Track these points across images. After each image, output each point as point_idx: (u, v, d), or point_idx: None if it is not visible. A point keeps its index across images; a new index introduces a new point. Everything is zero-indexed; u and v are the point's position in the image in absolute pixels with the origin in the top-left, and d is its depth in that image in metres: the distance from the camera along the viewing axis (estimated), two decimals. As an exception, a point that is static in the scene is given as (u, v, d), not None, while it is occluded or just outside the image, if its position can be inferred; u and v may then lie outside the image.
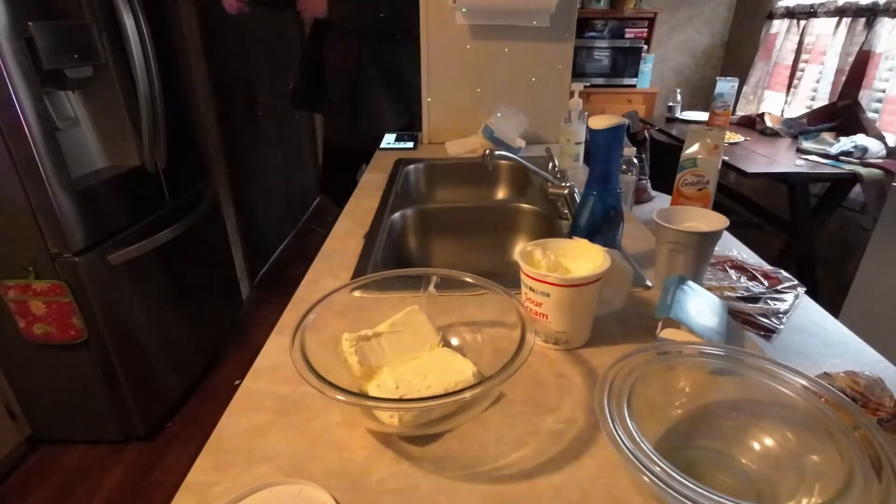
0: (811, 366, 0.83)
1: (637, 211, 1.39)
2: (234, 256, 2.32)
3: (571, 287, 0.58)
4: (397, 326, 0.58)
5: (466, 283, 0.62)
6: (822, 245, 2.43)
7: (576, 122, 1.35)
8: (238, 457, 0.49)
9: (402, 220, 1.10)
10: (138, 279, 1.54)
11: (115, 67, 1.41)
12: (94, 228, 1.36)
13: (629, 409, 0.43)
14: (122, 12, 1.35)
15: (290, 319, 0.70)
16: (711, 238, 0.73)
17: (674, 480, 0.36)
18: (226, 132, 2.26)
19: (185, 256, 1.78)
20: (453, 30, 1.52)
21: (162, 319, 1.67)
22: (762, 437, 0.47)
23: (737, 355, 0.50)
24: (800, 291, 1.04)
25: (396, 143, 1.69)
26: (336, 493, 0.44)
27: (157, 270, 1.64)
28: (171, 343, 1.72)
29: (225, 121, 2.24)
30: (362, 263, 0.86)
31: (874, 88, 2.32)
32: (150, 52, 1.45)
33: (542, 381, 0.59)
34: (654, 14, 3.31)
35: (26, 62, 1.15)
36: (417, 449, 0.50)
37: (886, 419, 0.68)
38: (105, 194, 1.42)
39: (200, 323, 1.91)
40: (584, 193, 0.79)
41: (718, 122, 2.27)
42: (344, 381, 0.47)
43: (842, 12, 2.50)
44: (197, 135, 1.91)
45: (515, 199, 1.37)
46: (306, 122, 3.57)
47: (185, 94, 1.82)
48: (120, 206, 1.48)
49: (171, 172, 1.66)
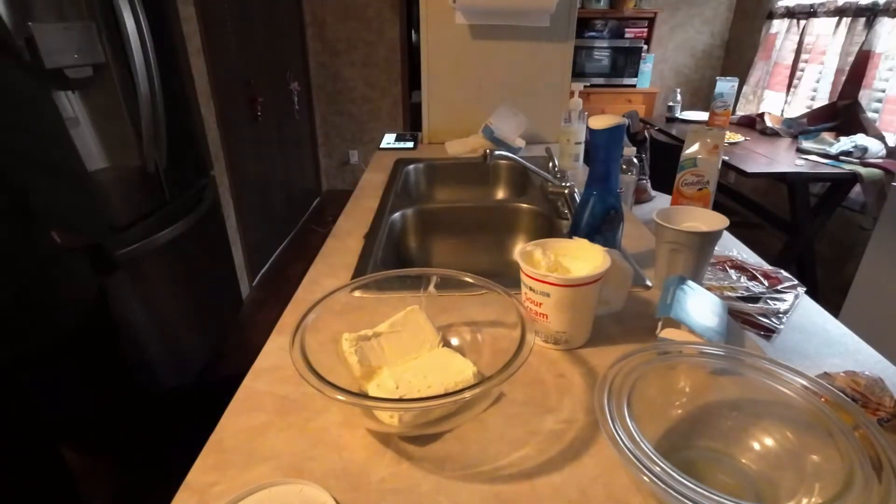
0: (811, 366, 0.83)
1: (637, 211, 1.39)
2: (234, 256, 2.32)
3: (571, 287, 0.58)
4: (397, 326, 0.58)
5: (466, 283, 0.62)
6: (822, 245, 2.43)
7: (576, 122, 1.35)
8: (238, 457, 0.49)
9: (402, 220, 1.10)
10: (138, 279, 1.54)
11: (115, 67, 1.41)
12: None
13: (629, 409, 0.43)
14: (122, 12, 1.35)
15: (290, 319, 0.70)
16: (711, 238, 0.73)
17: (674, 480, 0.36)
18: (226, 132, 2.26)
19: (186, 256, 1.78)
20: (453, 30, 1.52)
21: (162, 319, 1.67)
22: (762, 437, 0.47)
23: (737, 355, 0.50)
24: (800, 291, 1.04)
25: (396, 142, 1.69)
26: (336, 493, 0.44)
27: (158, 270, 1.64)
28: (170, 342, 1.72)
29: (225, 121, 2.25)
30: (362, 263, 0.86)
31: (874, 88, 2.32)
32: (150, 52, 1.45)
33: (542, 381, 0.59)
34: (654, 14, 3.31)
35: (26, 62, 1.15)
36: (417, 449, 0.50)
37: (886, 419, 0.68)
38: (105, 194, 1.42)
39: (200, 323, 1.91)
40: (584, 193, 0.79)
41: (718, 122, 2.27)
42: (344, 381, 0.47)
43: (842, 12, 2.49)
44: (197, 135, 1.91)
45: (515, 199, 1.37)
46: (306, 122, 3.58)
47: (185, 94, 1.82)
48: (120, 206, 1.47)
49: (171, 172, 1.66)
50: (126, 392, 1.52)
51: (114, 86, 1.43)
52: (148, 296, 1.59)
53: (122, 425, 1.56)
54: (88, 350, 1.33)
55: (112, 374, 1.47)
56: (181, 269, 1.76)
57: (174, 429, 1.67)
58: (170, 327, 1.71)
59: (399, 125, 3.77)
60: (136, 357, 1.56)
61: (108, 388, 1.48)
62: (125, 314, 1.50)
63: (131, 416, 1.56)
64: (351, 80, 3.63)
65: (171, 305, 1.72)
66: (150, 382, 1.63)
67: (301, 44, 3.42)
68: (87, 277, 1.11)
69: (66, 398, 1.23)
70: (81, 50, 1.30)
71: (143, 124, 1.47)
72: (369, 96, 3.69)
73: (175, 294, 1.73)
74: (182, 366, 1.79)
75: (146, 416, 1.60)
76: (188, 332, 1.82)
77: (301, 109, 3.36)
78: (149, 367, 1.62)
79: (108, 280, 1.24)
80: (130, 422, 1.56)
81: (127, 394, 1.52)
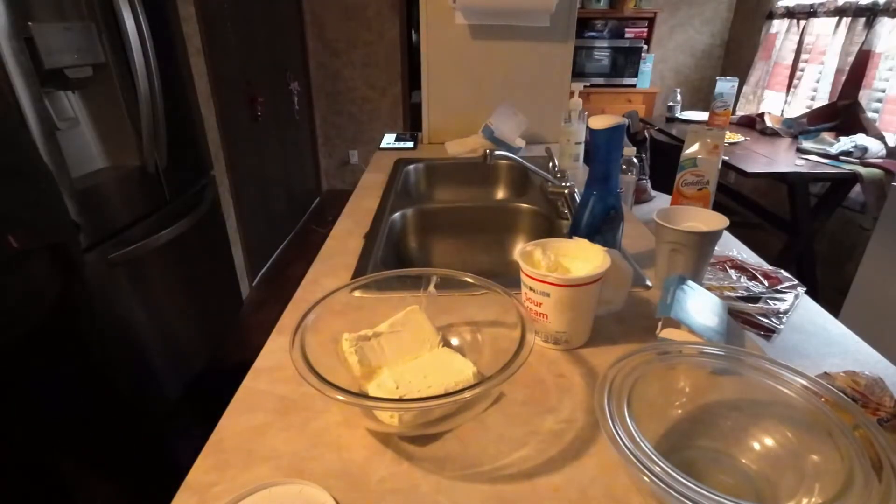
0: (811, 366, 0.83)
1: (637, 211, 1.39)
2: (234, 256, 2.32)
3: (571, 287, 0.58)
4: (397, 326, 0.58)
5: (466, 283, 0.62)
6: (822, 245, 2.43)
7: (576, 121, 1.35)
8: (238, 457, 0.49)
9: (402, 220, 1.10)
10: (138, 279, 1.54)
11: (115, 67, 1.41)
12: (95, 228, 1.36)
13: (629, 409, 0.43)
14: (122, 12, 1.35)
15: (290, 319, 0.70)
16: (711, 238, 0.73)
17: (674, 480, 0.36)
18: (226, 132, 2.26)
19: (186, 256, 1.78)
20: (453, 30, 1.52)
21: (162, 319, 1.67)
22: (762, 437, 0.47)
23: (737, 355, 0.50)
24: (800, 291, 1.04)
25: (396, 142, 1.69)
26: (336, 493, 0.44)
27: (158, 270, 1.64)
28: (170, 343, 1.72)
29: (225, 121, 2.25)
30: (362, 263, 0.86)
31: (874, 88, 2.32)
32: (150, 52, 1.45)
33: (542, 381, 0.59)
34: (654, 14, 3.31)
35: (26, 62, 1.15)
36: (417, 449, 0.50)
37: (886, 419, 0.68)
38: (105, 194, 1.42)
39: (200, 323, 1.91)
40: (584, 193, 0.79)
41: (718, 122, 2.27)
42: (344, 381, 0.47)
43: (842, 12, 2.50)
44: (197, 135, 1.91)
45: (515, 199, 1.37)
46: (306, 122, 3.58)
47: (185, 94, 1.82)
48: (120, 206, 1.47)
49: (171, 172, 1.66)
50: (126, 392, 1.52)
51: (114, 86, 1.43)
52: (148, 296, 1.59)
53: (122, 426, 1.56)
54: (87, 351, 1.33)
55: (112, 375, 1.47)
56: (181, 270, 1.76)
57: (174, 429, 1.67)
58: (170, 327, 1.71)
59: (399, 125, 3.77)
60: (136, 357, 1.56)
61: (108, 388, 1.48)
62: (125, 314, 1.50)
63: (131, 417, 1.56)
64: (351, 80, 3.63)
65: (171, 306, 1.72)
66: (149, 383, 1.63)
67: (301, 44, 3.42)
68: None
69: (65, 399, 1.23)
70: (81, 50, 1.30)
71: (143, 124, 1.47)
72: (369, 96, 3.69)
73: (175, 294, 1.73)
74: (182, 366, 1.79)
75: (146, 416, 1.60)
76: (188, 332, 1.82)
77: (301, 109, 3.37)
78: (148, 367, 1.62)
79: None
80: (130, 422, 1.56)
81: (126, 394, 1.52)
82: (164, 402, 1.70)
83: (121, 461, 1.53)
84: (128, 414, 1.56)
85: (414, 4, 3.06)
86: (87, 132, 1.46)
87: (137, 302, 1.54)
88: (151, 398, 1.63)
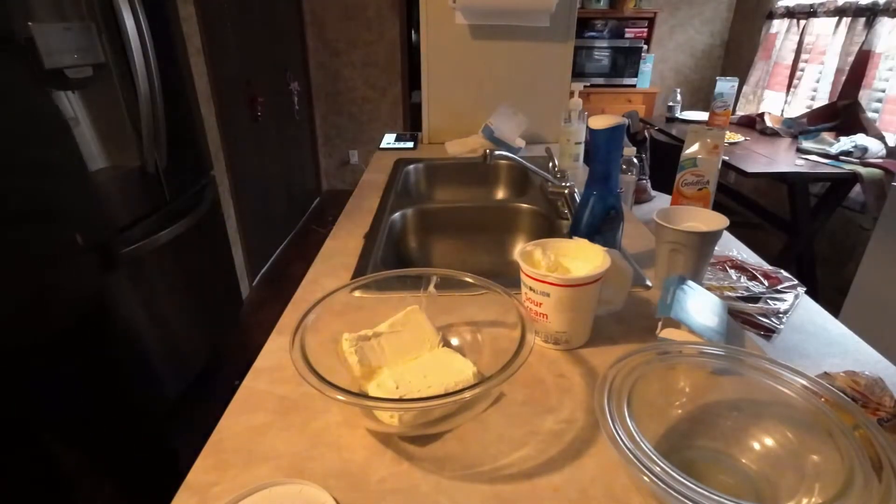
0: (811, 366, 0.83)
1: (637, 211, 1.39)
2: (234, 256, 2.32)
3: (571, 287, 0.58)
4: (397, 326, 0.58)
5: (466, 283, 0.62)
6: (822, 245, 2.43)
7: (576, 121, 1.35)
8: (238, 457, 0.49)
9: (402, 220, 1.10)
10: (138, 279, 1.54)
11: (115, 67, 1.41)
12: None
13: (629, 409, 0.43)
14: (122, 12, 1.35)
15: (290, 319, 0.70)
16: (711, 238, 0.73)
17: (674, 480, 0.36)
18: (226, 132, 2.26)
19: (186, 256, 1.78)
20: (453, 30, 1.52)
21: (162, 319, 1.67)
22: (762, 437, 0.47)
23: (737, 355, 0.50)
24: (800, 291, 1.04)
25: (396, 143, 1.69)
26: (336, 494, 0.44)
27: (157, 270, 1.64)
28: (170, 343, 1.72)
29: (225, 121, 2.25)
30: (362, 263, 0.86)
31: (874, 88, 2.32)
32: (150, 52, 1.45)
33: (542, 381, 0.59)
34: (653, 14, 3.31)
35: (26, 62, 1.15)
36: (417, 449, 0.50)
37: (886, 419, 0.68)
38: (105, 194, 1.42)
39: (200, 323, 1.91)
40: (584, 193, 0.79)
41: (718, 122, 2.27)
42: (344, 381, 0.47)
43: (842, 12, 2.50)
44: (197, 135, 1.91)
45: (515, 199, 1.37)
46: (306, 122, 3.58)
47: (185, 94, 1.82)
48: (120, 206, 1.47)
49: (171, 172, 1.66)
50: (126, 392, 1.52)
51: (114, 86, 1.43)
52: (148, 296, 1.59)
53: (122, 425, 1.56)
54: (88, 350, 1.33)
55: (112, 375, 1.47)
56: (181, 269, 1.76)
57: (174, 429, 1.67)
58: (170, 327, 1.71)
59: (399, 125, 3.77)
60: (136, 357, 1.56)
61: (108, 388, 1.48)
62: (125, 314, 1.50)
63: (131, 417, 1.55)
64: (351, 80, 3.63)
65: (172, 305, 1.72)
66: (149, 383, 1.63)
67: (301, 44, 3.42)
68: (91, 277, 1.12)
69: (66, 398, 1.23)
70: (81, 50, 1.30)
71: (143, 124, 1.47)
72: (369, 96, 3.69)
73: (175, 294, 1.73)
74: (182, 366, 1.79)
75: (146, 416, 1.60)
76: (188, 332, 1.82)
77: (301, 109, 3.37)
78: (148, 367, 1.61)
79: (108, 279, 1.24)
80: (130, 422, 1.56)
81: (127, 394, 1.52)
82: (164, 402, 1.70)
83: (121, 461, 1.53)
84: (128, 414, 1.56)
85: (414, 4, 3.06)
86: (87, 132, 1.46)
87: (137, 302, 1.54)
88: (151, 398, 1.63)
